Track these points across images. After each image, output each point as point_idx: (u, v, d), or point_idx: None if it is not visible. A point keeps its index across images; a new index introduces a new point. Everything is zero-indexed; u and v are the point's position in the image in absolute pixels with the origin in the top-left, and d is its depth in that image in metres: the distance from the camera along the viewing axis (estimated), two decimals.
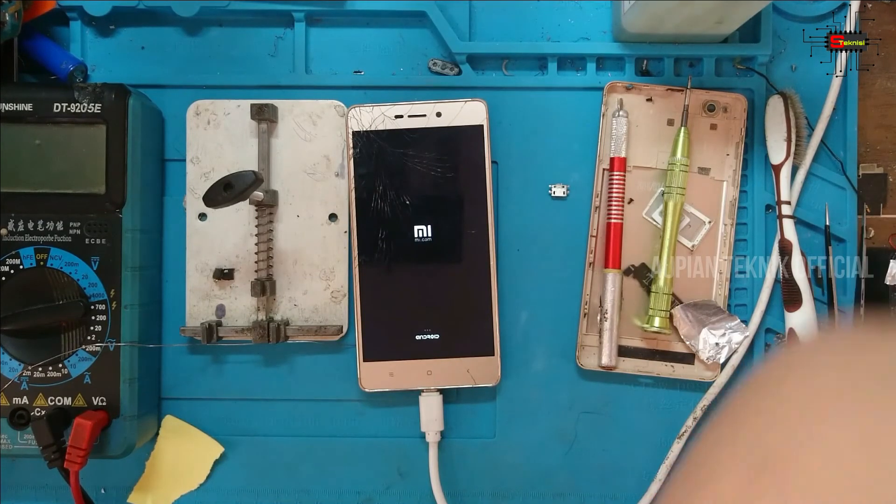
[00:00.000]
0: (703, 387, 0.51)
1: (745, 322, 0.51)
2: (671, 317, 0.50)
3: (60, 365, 0.47)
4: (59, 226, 0.47)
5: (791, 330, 0.50)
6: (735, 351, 0.50)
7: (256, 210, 0.50)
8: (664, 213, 0.50)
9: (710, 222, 0.51)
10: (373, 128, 0.50)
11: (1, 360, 0.47)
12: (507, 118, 0.52)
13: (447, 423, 0.51)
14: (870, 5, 0.54)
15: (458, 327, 0.50)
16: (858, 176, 0.53)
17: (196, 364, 0.52)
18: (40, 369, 0.47)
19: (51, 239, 0.47)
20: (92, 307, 0.47)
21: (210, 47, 0.53)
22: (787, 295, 0.50)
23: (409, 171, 0.50)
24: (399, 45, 0.53)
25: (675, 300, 0.51)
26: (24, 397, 0.47)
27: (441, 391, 0.50)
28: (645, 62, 0.52)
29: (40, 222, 0.47)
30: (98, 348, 0.47)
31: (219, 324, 0.50)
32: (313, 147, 0.51)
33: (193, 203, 0.51)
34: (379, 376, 0.50)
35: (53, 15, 0.51)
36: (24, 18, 0.49)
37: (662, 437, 0.51)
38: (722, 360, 0.50)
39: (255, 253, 0.50)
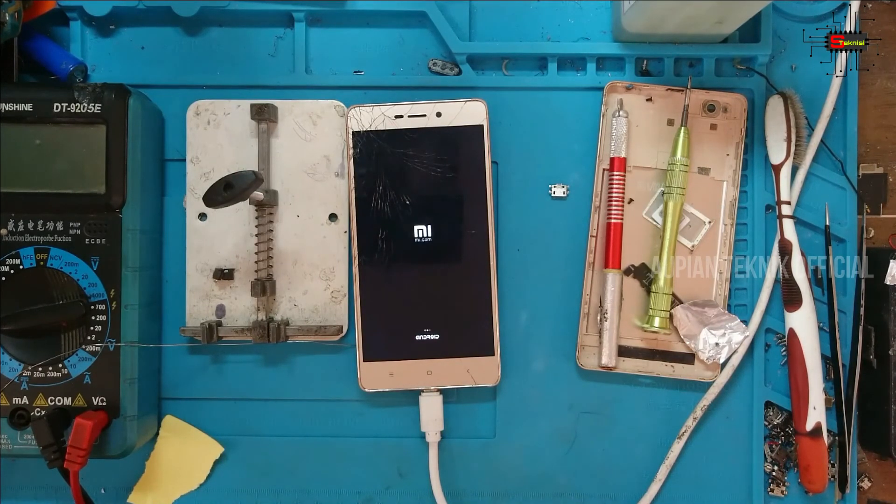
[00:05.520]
0: (703, 387, 0.51)
1: (745, 322, 0.51)
2: (671, 317, 0.50)
3: (60, 365, 0.47)
4: (59, 226, 0.47)
5: (791, 330, 0.50)
6: (735, 351, 0.50)
7: (256, 210, 0.50)
8: (664, 213, 0.50)
9: (710, 222, 0.51)
10: (373, 128, 0.50)
11: (1, 360, 0.47)
12: (507, 118, 0.52)
13: (447, 423, 0.51)
14: (870, 5, 0.54)
15: (458, 327, 0.50)
16: (858, 176, 0.53)
17: (196, 364, 0.52)
18: (40, 369, 0.47)
19: (51, 239, 0.47)
20: (92, 307, 0.47)
21: (210, 47, 0.53)
22: (787, 295, 0.50)
23: (409, 171, 0.50)
24: (399, 45, 0.53)
25: (675, 300, 0.51)
26: (24, 397, 0.47)
27: (441, 391, 0.50)
28: (645, 62, 0.52)
29: (40, 222, 0.47)
30: (98, 348, 0.47)
31: (219, 324, 0.50)
32: (313, 147, 0.51)
33: (193, 203, 0.51)
34: (379, 376, 0.50)
35: (53, 15, 0.51)
36: (24, 18, 0.49)
37: (662, 437, 0.51)
38: (722, 360, 0.50)
39: (255, 253, 0.50)
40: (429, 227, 0.50)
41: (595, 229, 0.51)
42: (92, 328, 0.47)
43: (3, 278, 0.47)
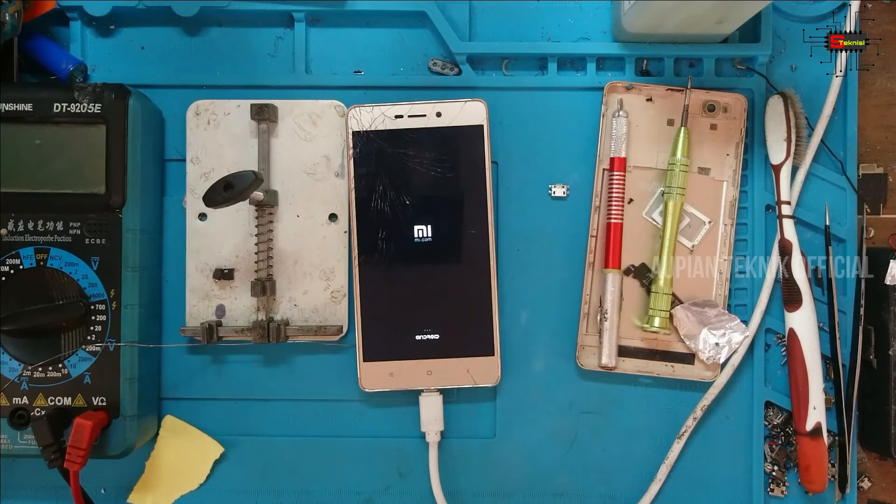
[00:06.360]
0: (703, 387, 0.51)
1: (745, 322, 0.51)
2: (671, 317, 0.50)
3: (60, 365, 0.47)
4: (59, 226, 0.47)
5: (791, 330, 0.50)
6: (735, 351, 0.50)
7: (256, 210, 0.50)
8: (664, 213, 0.50)
9: (710, 222, 0.51)
10: (373, 128, 0.50)
11: (1, 360, 0.47)
12: (507, 118, 0.52)
13: (447, 423, 0.51)
14: (870, 5, 0.54)
15: (458, 327, 0.50)
16: (858, 176, 0.53)
17: (196, 364, 0.52)
18: (40, 369, 0.47)
19: (51, 239, 0.47)
20: (92, 307, 0.47)
21: (210, 47, 0.53)
22: (787, 295, 0.50)
23: (409, 171, 0.50)
24: (399, 45, 0.53)
25: (675, 300, 0.51)
26: (24, 397, 0.47)
27: (441, 391, 0.50)
28: (645, 62, 0.52)
29: (40, 222, 0.47)
30: (98, 348, 0.47)
31: (219, 324, 0.50)
32: (313, 147, 0.51)
33: (193, 203, 0.51)
34: (379, 376, 0.50)
35: (53, 15, 0.51)
36: (24, 18, 0.49)
37: (662, 437, 0.51)
38: (722, 360, 0.50)
39: (255, 253, 0.50)
40: (429, 227, 0.50)
41: (595, 229, 0.51)
42: (92, 328, 0.47)
43: (3, 278, 0.47)
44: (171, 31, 0.53)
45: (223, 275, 0.50)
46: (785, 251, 0.50)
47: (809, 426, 0.49)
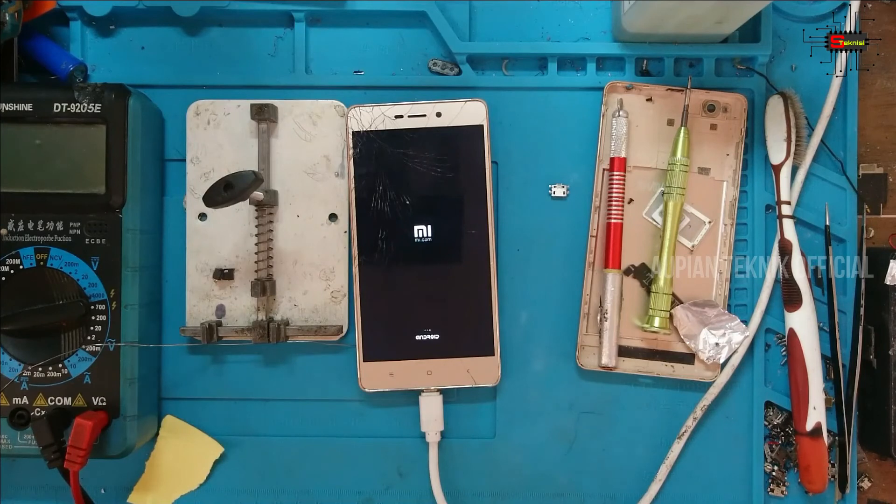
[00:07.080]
0: (703, 387, 0.51)
1: (745, 322, 0.51)
2: (671, 317, 0.50)
3: (60, 365, 0.47)
4: (59, 226, 0.47)
5: (791, 330, 0.50)
6: (735, 351, 0.50)
7: (256, 210, 0.50)
8: (664, 213, 0.50)
9: (710, 222, 0.51)
10: (373, 128, 0.50)
11: (1, 360, 0.47)
12: (507, 118, 0.52)
13: (447, 423, 0.51)
14: (870, 5, 0.54)
15: (458, 327, 0.50)
16: (858, 176, 0.53)
17: (196, 364, 0.52)
18: (40, 369, 0.47)
19: (51, 239, 0.47)
20: (92, 307, 0.47)
21: (210, 47, 0.53)
22: (787, 295, 0.50)
23: (409, 171, 0.50)
24: (399, 45, 0.53)
25: (675, 300, 0.51)
26: (24, 397, 0.47)
27: (441, 391, 0.50)
28: (645, 62, 0.52)
29: (40, 222, 0.47)
30: (98, 348, 0.47)
31: (219, 324, 0.50)
32: (313, 147, 0.51)
33: (193, 203, 0.51)
34: (379, 376, 0.50)
35: (53, 15, 0.51)
36: (24, 18, 0.49)
37: (662, 437, 0.51)
38: (722, 360, 0.50)
39: (255, 253, 0.50)
40: (429, 227, 0.50)
41: (595, 229, 0.51)
42: (92, 328, 0.47)
43: (3, 278, 0.47)
44: (171, 31, 0.53)
45: (223, 275, 0.50)
46: (785, 251, 0.50)
47: (809, 426, 0.49)
